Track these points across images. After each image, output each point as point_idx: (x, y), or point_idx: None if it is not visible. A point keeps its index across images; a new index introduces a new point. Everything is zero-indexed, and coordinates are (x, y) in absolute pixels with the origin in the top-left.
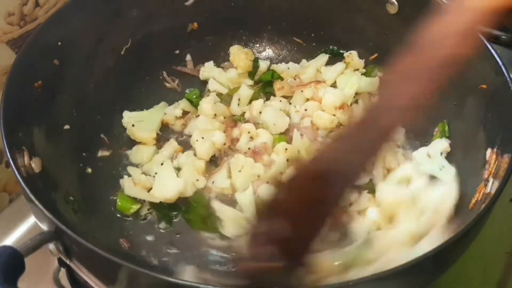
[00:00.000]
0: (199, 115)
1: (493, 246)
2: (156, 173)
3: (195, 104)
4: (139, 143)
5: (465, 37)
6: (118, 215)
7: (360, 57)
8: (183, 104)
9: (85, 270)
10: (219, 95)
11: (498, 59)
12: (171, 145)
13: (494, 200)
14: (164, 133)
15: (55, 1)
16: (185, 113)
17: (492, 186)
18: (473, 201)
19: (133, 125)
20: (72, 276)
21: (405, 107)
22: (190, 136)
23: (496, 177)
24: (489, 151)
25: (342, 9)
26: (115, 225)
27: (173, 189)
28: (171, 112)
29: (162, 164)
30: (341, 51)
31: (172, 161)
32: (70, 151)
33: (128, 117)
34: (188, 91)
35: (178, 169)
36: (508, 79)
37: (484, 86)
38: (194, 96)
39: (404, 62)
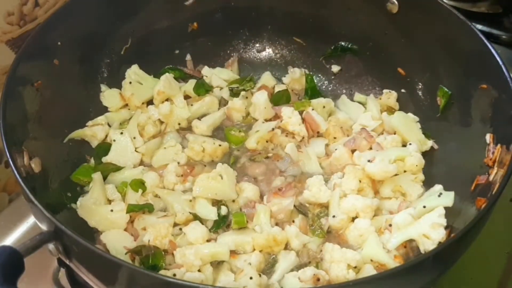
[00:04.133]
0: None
1: (493, 246)
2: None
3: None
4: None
5: None
6: None
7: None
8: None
9: (85, 270)
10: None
11: (498, 59)
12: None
13: (494, 200)
14: None
15: (54, 1)
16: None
17: (495, 176)
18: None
19: (130, 82)
20: (72, 276)
21: None
22: None
23: (500, 166)
24: (488, 136)
25: (342, 9)
26: None
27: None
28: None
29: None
30: (351, 46)
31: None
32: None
33: (134, 72)
34: None
35: None
36: (508, 78)
37: (485, 86)
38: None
39: None
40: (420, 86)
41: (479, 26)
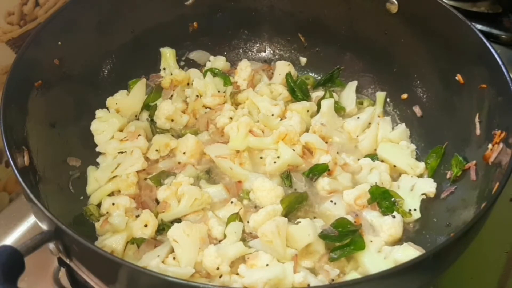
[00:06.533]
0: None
1: (493, 246)
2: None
3: None
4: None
5: None
6: None
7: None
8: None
9: (85, 270)
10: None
11: (498, 59)
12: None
13: (494, 200)
14: None
15: (54, 1)
16: None
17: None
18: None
19: (116, 103)
20: (72, 275)
21: None
22: None
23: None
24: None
25: (342, 8)
26: None
27: None
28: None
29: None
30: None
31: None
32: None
33: (112, 99)
34: None
35: None
36: (508, 78)
37: (484, 85)
38: None
39: None
40: (419, 85)
41: (479, 26)
